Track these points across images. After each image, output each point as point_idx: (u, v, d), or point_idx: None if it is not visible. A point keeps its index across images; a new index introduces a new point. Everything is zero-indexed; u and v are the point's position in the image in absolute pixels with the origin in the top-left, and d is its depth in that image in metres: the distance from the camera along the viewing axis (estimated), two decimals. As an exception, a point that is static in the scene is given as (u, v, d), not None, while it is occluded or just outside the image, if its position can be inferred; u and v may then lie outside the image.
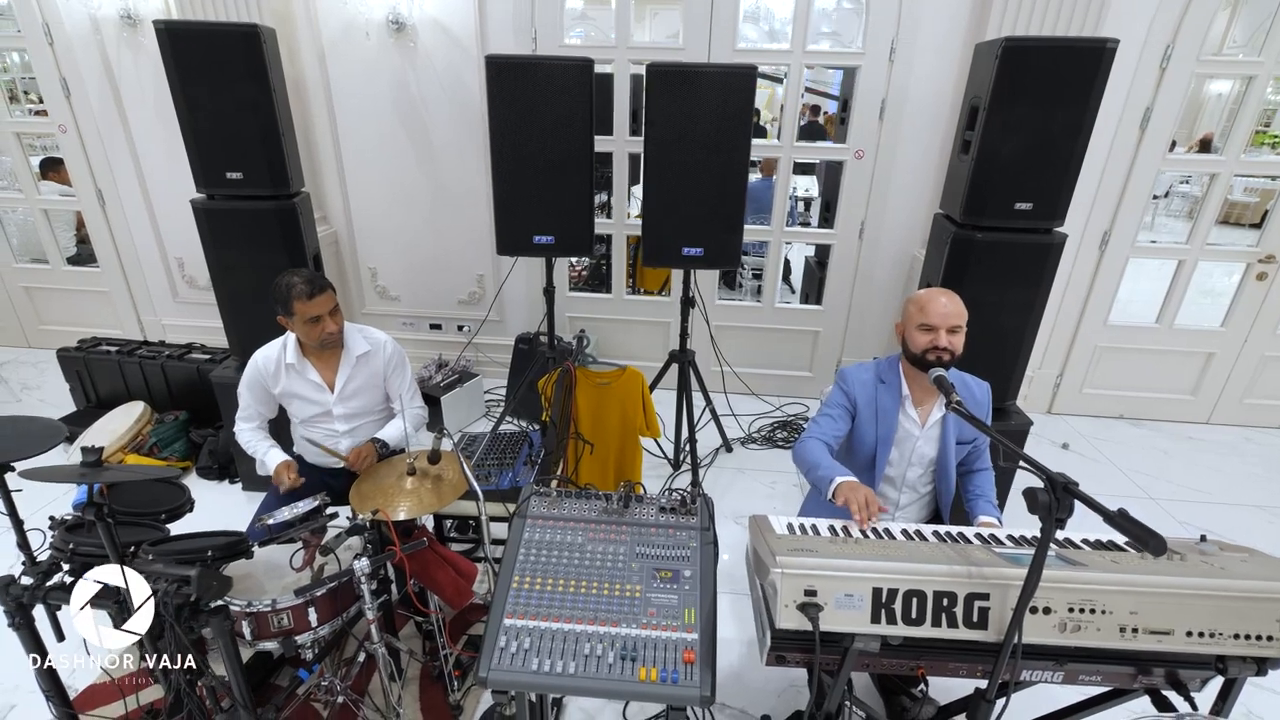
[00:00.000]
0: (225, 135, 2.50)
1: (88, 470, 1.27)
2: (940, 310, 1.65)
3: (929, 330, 1.65)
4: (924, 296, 1.70)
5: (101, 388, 3.52)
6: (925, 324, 1.66)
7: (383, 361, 2.10)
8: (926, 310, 1.66)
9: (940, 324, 1.64)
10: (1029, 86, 2.21)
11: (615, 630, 1.30)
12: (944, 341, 1.63)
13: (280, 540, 1.65)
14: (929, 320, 1.65)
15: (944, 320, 1.64)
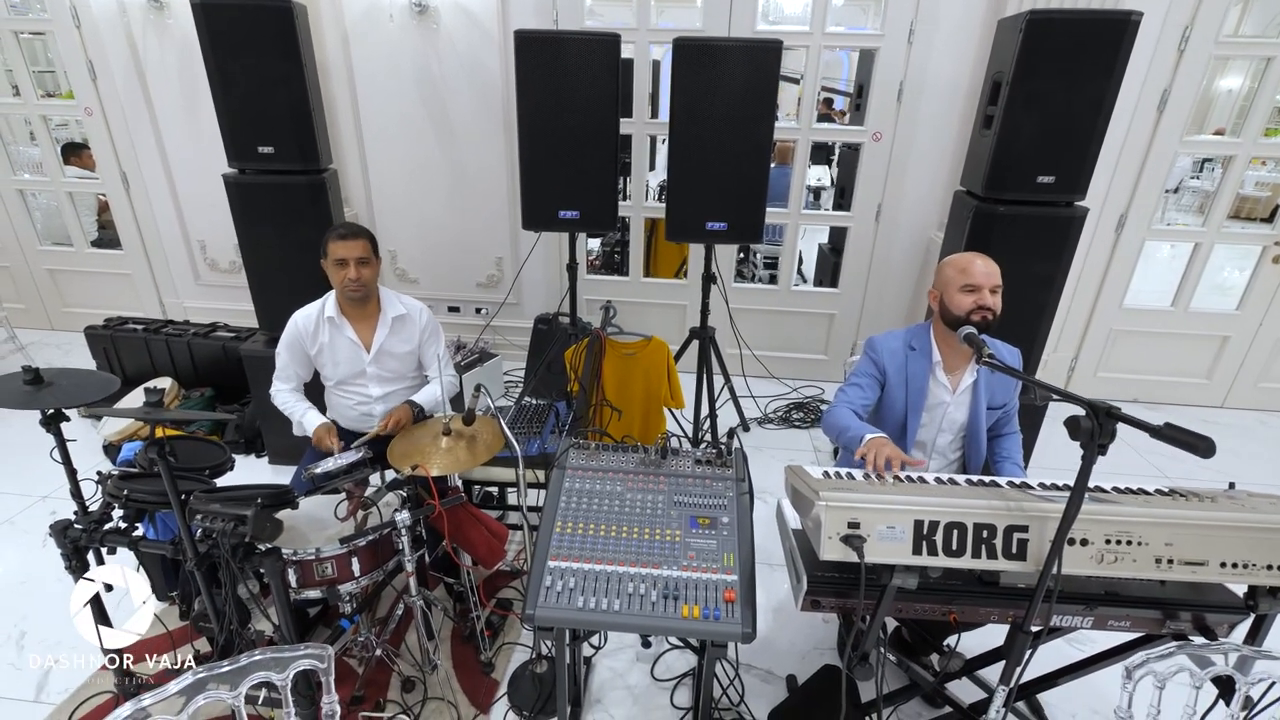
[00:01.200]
0: (257, 110, 2.54)
1: (151, 409, 1.31)
2: (981, 270, 1.66)
3: (973, 290, 1.66)
4: (962, 259, 1.71)
5: (128, 365, 3.57)
6: (969, 284, 1.66)
7: (418, 328, 2.14)
8: (969, 271, 1.67)
9: (984, 283, 1.65)
10: (1052, 60, 2.24)
11: (657, 572, 1.34)
12: (988, 301, 1.64)
13: (324, 491, 1.69)
14: (973, 280, 1.66)
15: (987, 280, 1.65)
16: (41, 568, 2.43)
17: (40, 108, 4.06)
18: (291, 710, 1.08)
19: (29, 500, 2.80)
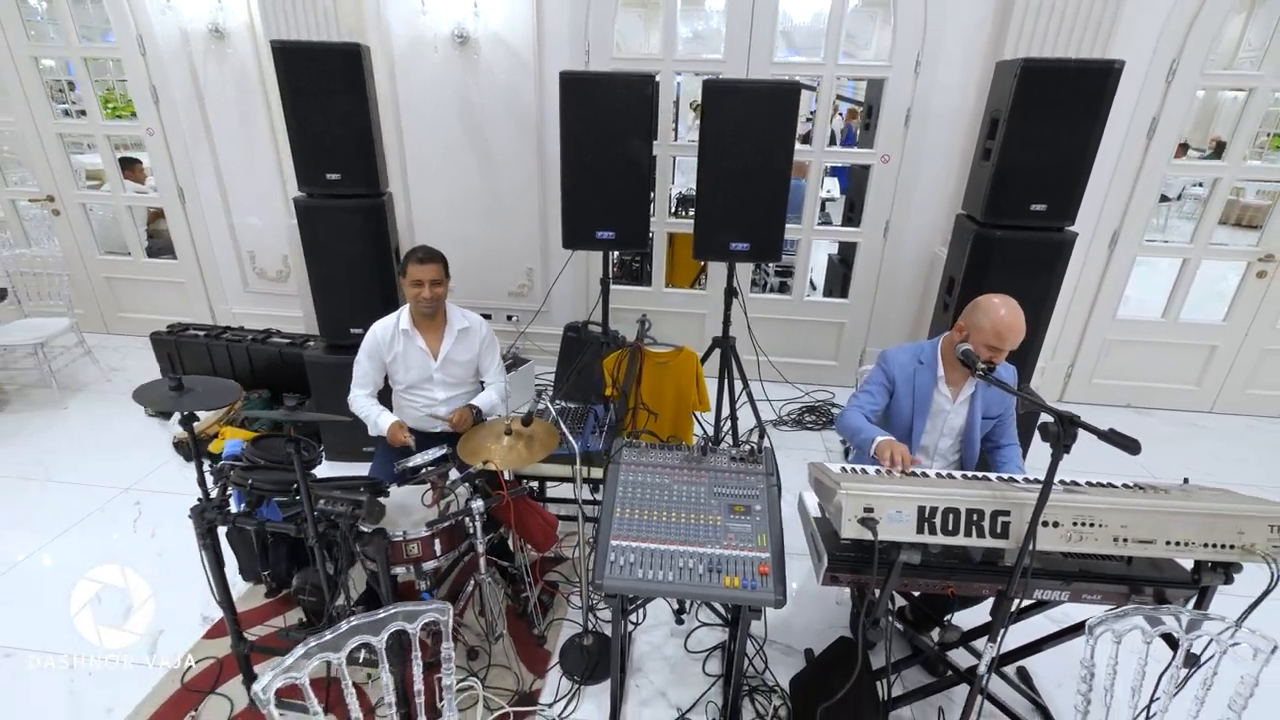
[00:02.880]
0: (326, 140, 2.83)
1: (291, 410, 1.59)
2: (1011, 342, 1.86)
3: (996, 351, 1.86)
4: (1004, 324, 1.84)
5: (189, 368, 3.86)
6: (996, 347, 1.86)
7: (479, 339, 2.42)
8: (1004, 338, 1.85)
9: (1006, 345, 1.87)
10: (1044, 102, 2.50)
11: (702, 550, 1.61)
12: (1000, 360, 1.88)
13: (410, 482, 1.97)
14: (1001, 346, 1.86)
15: (1009, 344, 1.87)
16: (134, 550, 2.72)
17: (105, 128, 4.36)
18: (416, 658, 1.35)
19: (114, 491, 3.09)
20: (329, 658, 1.26)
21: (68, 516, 2.89)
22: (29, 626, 2.31)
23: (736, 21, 3.56)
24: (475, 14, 3.64)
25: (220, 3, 3.79)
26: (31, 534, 2.77)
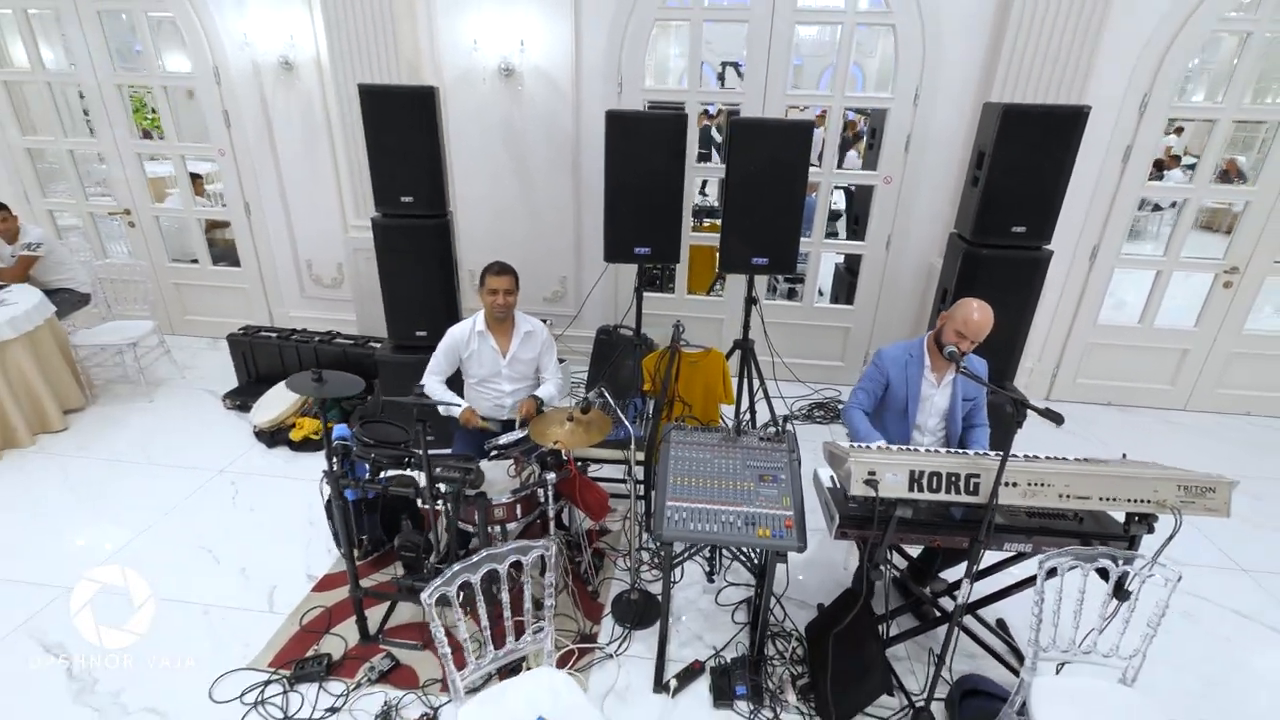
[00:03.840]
0: (402, 168, 3.26)
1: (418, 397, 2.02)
2: (975, 329, 2.28)
3: (962, 338, 2.29)
4: (975, 321, 2.27)
5: (261, 366, 4.31)
6: (962, 334, 2.28)
7: (540, 341, 2.85)
8: (969, 328, 2.27)
9: (971, 336, 2.29)
10: (1023, 140, 2.92)
11: (739, 508, 2.03)
12: (965, 347, 2.29)
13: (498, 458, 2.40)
14: (966, 334, 2.28)
15: (974, 335, 2.29)
16: (238, 521, 3.15)
17: (180, 148, 4.82)
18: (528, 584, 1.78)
19: (210, 473, 3.53)
20: (469, 577, 1.69)
21: (176, 494, 3.33)
22: (165, 582, 2.75)
23: (755, 60, 3.99)
24: (521, 50, 4.08)
25: (292, 39, 4.23)
26: (148, 509, 3.21)
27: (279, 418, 3.81)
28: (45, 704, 2.21)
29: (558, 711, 1.70)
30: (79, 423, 3.99)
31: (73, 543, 2.98)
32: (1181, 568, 2.78)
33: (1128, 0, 3.55)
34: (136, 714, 2.18)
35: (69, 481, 3.42)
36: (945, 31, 3.77)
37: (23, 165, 4.95)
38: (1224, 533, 3.27)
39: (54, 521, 3.11)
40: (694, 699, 2.29)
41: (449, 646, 1.69)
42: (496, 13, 4.03)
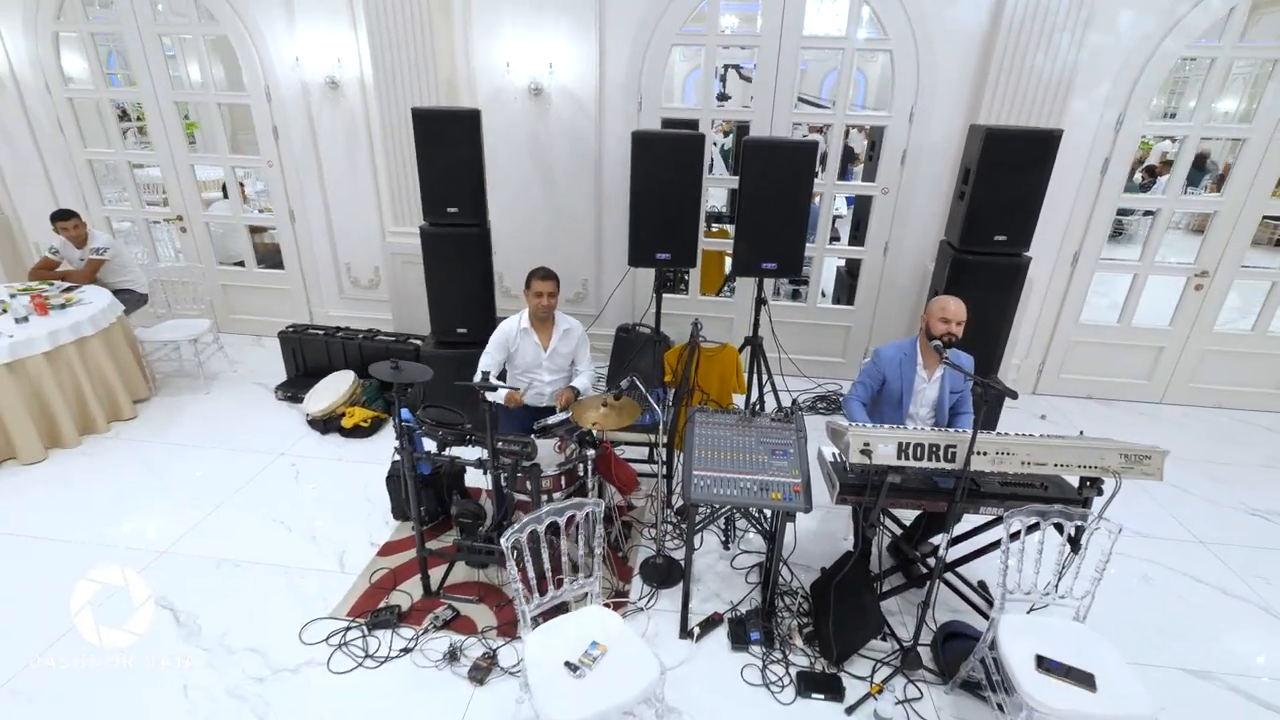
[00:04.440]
0: (448, 182, 3.65)
1: (483, 383, 2.40)
2: (953, 312, 2.66)
3: (946, 322, 2.68)
4: (945, 304, 2.68)
5: (309, 360, 4.69)
6: (944, 319, 2.67)
7: (576, 338, 3.23)
8: (946, 311, 2.67)
9: (954, 319, 2.67)
10: (1004, 159, 3.29)
11: (755, 476, 2.40)
12: (954, 330, 2.66)
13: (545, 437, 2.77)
14: (946, 317, 2.67)
15: (955, 318, 2.67)
16: (302, 497, 3.53)
17: (232, 160, 5.21)
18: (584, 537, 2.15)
19: (271, 456, 3.91)
20: (536, 527, 2.06)
21: (243, 474, 3.71)
22: (246, 547, 3.13)
23: (764, 80, 4.36)
24: (549, 71, 4.46)
25: (339, 61, 4.62)
26: (221, 487, 3.59)
27: (330, 407, 4.19)
28: (161, 646, 2.58)
29: (607, 637, 2.07)
30: (146, 412, 4.38)
31: (161, 514, 3.36)
32: (1144, 540, 3.17)
33: (1103, 30, 3.92)
34: (240, 653, 2.56)
35: (147, 463, 3.81)
36: (938, 57, 4.14)
37: (84, 175, 5.35)
38: (1186, 509, 3.64)
39: (141, 496, 3.50)
40: (714, 644, 2.66)
41: (519, 582, 2.06)
42: (527, 38, 4.41)
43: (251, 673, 2.48)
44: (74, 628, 2.64)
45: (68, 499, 3.46)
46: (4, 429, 3.66)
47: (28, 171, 5.41)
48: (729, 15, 8.80)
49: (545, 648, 2.05)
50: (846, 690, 2.43)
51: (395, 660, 2.54)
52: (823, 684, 2.45)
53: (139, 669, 2.48)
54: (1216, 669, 2.63)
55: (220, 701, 2.36)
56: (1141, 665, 2.58)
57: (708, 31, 4.33)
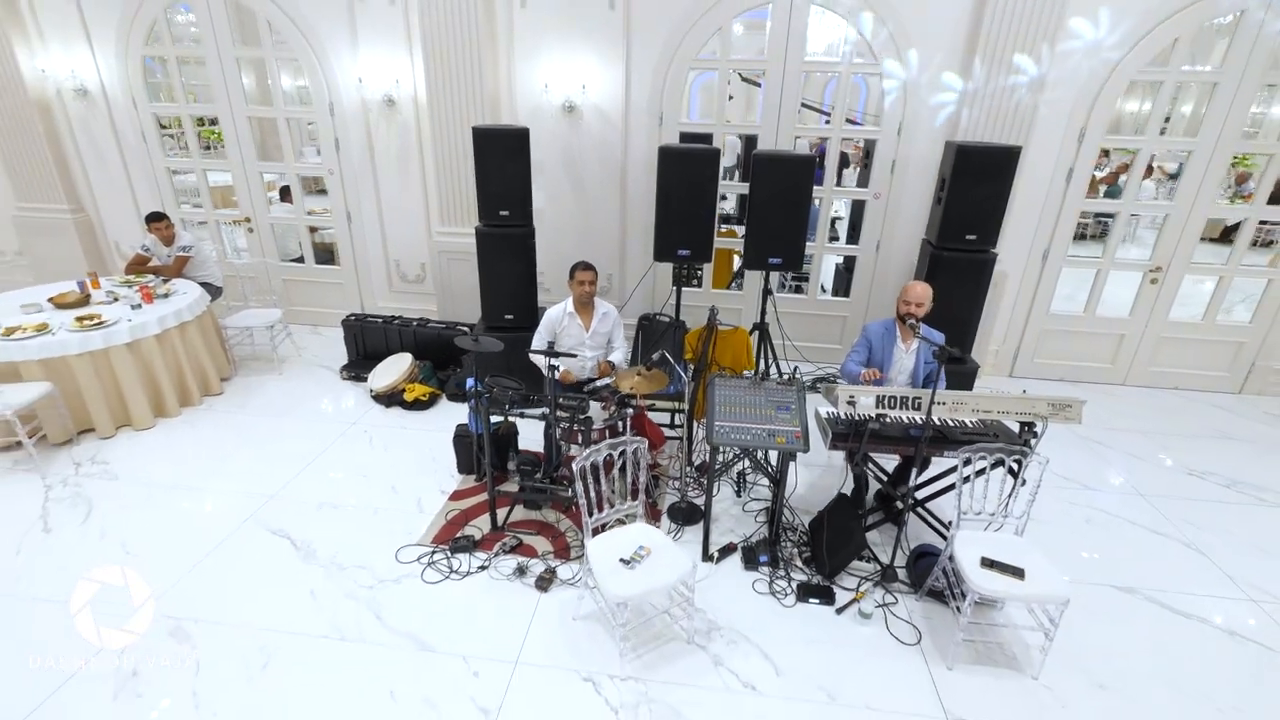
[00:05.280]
0: (501, 189, 4.27)
1: (551, 350, 3.02)
2: (915, 295, 3.29)
3: (908, 304, 3.30)
4: (912, 288, 3.32)
5: (369, 345, 5.32)
6: (906, 300, 3.31)
7: (612, 321, 3.86)
8: (909, 294, 3.30)
9: (914, 300, 3.30)
10: (972, 171, 3.91)
11: (763, 426, 3.02)
12: (914, 311, 3.28)
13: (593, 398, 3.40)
14: (909, 299, 3.30)
15: (916, 299, 3.30)
16: (378, 457, 4.15)
17: (297, 167, 5.85)
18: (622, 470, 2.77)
19: (346, 425, 4.54)
20: (596, 458, 2.69)
21: (324, 439, 4.34)
22: (338, 493, 3.76)
23: (770, 98, 4.98)
24: (582, 91, 5.08)
25: (397, 81, 5.26)
26: (307, 449, 4.21)
27: (393, 384, 4.82)
28: (283, 568, 3.21)
29: (650, 543, 2.70)
30: (230, 388, 5.02)
31: (260, 470, 3.98)
32: (1093, 493, 3.79)
33: (1064, 58, 4.52)
34: (350, 569, 3.19)
35: (239, 429, 4.45)
36: (922, 79, 4.75)
37: (164, 182, 6.00)
38: (1135, 471, 4.24)
39: (241, 455, 4.13)
40: (730, 565, 3.28)
41: (584, 498, 2.69)
42: (563, 62, 5.04)
43: (361, 583, 3.11)
44: (210, 552, 3.27)
45: (181, 457, 4.09)
46: (123, 399, 4.30)
47: (111, 178, 6.07)
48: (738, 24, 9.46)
49: (603, 550, 2.67)
50: (837, 596, 3.05)
51: (474, 575, 3.16)
52: (817, 592, 3.06)
53: (271, 581, 3.11)
54: (1139, 586, 3.23)
55: (341, 603, 2.99)
56: (1079, 582, 3.19)
57: (720, 57, 4.96)
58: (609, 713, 2.49)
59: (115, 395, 4.27)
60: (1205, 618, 3.06)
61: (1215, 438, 4.76)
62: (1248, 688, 2.70)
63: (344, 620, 2.89)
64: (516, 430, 3.96)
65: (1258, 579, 3.32)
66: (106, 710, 2.45)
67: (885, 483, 3.56)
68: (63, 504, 3.61)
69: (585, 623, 2.89)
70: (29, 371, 3.96)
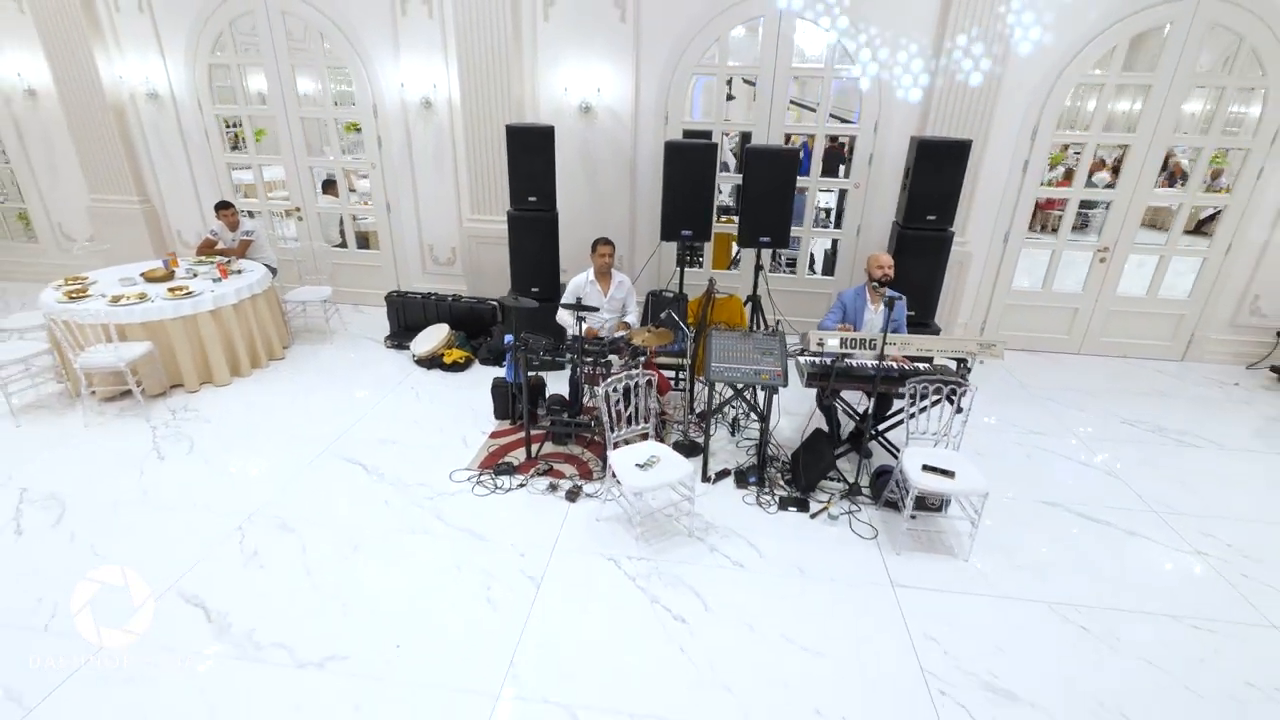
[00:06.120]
0: (530, 179, 4.98)
1: (579, 305, 3.73)
2: (880, 262, 3.99)
3: (881, 268, 4.00)
4: (877, 256, 4.00)
5: (409, 317, 6.04)
6: (879, 265, 4.00)
7: (626, 289, 4.57)
8: (871, 262, 4.00)
9: (880, 265, 3.99)
10: (932, 161, 4.60)
11: (750, 365, 3.73)
12: (873, 272, 3.98)
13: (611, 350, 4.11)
14: (880, 264, 3.98)
15: (881, 264, 3.99)
16: (424, 409, 4.87)
17: (342, 162, 6.58)
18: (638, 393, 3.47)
19: (394, 384, 5.25)
20: (613, 387, 3.39)
21: (377, 394, 5.06)
22: (394, 433, 4.47)
23: (761, 99, 5.68)
24: (597, 93, 5.79)
25: (434, 85, 5.97)
26: (363, 402, 4.93)
27: (434, 349, 5.54)
28: (358, 485, 3.92)
29: (659, 454, 3.40)
30: (289, 355, 5.74)
31: (325, 417, 4.70)
32: (1037, 436, 4.46)
33: (1018, 62, 5.21)
34: (413, 486, 3.90)
35: (303, 386, 5.17)
36: (895, 82, 5.44)
37: (223, 176, 6.73)
38: (1076, 421, 4.92)
39: (307, 406, 4.85)
40: (725, 486, 3.97)
41: (608, 416, 3.39)
42: (580, 68, 5.75)
43: (424, 495, 3.82)
44: (297, 475, 3.99)
45: (258, 407, 4.82)
46: (206, 359, 5.03)
47: (176, 172, 6.81)
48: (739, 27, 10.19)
49: (623, 458, 3.38)
50: (811, 506, 3.75)
51: (514, 491, 3.87)
52: (795, 503, 3.76)
53: (351, 494, 3.82)
54: (1061, 501, 3.92)
55: (409, 509, 3.70)
56: (1012, 499, 3.87)
57: (719, 64, 5.66)
58: (627, 580, 3.20)
59: (200, 355, 4.99)
60: (1111, 523, 3.75)
61: (1153, 395, 5.44)
62: (1134, 567, 3.40)
63: (413, 520, 3.60)
64: (545, 382, 4.67)
65: (1165, 499, 4.00)
66: (240, 574, 3.17)
67: (855, 420, 4.26)
68: (168, 440, 4.34)
69: (607, 523, 3.60)
70: (133, 333, 4.69)
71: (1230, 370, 5.95)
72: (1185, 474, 4.29)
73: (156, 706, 2.50)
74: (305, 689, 2.59)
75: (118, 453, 4.17)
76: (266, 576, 3.17)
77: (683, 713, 2.53)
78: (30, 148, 6.95)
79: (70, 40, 6.13)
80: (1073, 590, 3.21)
